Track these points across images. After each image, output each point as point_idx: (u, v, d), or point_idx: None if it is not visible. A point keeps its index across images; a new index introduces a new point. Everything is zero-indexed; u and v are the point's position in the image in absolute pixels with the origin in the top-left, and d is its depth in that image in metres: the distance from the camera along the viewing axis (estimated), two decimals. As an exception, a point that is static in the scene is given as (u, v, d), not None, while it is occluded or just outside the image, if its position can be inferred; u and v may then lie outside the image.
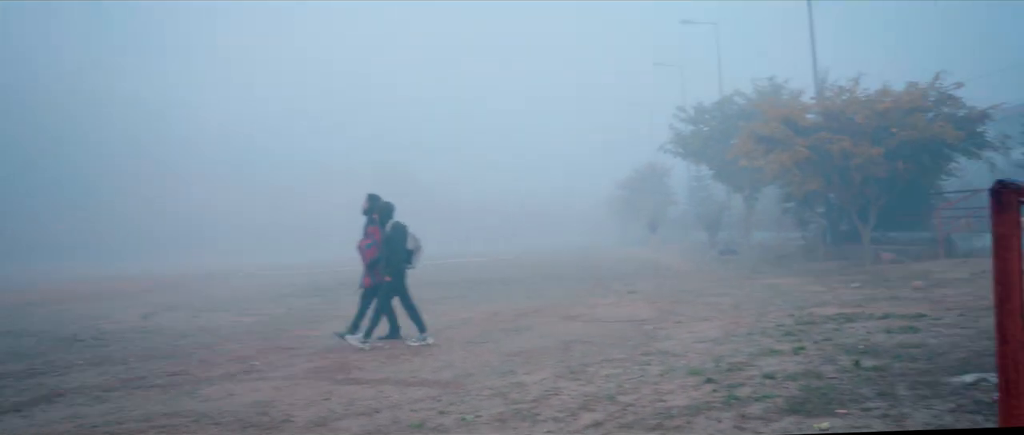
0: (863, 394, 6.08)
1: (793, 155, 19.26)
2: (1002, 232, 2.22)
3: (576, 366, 8.33)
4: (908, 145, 18.61)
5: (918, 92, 19.32)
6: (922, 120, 18.67)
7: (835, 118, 19.70)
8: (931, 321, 9.50)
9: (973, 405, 5.41)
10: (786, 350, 8.26)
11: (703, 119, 32.62)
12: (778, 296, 13.98)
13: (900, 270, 16.92)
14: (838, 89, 21.36)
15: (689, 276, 20.92)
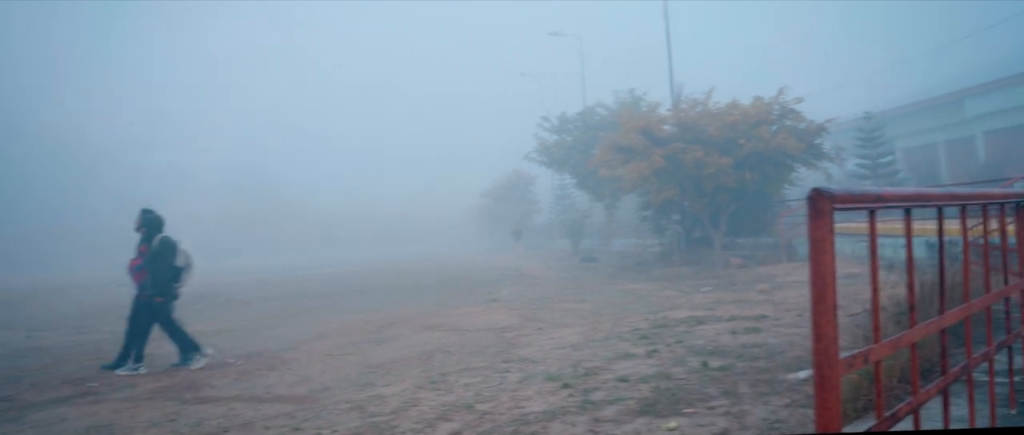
0: (709, 393, 6.34)
1: (650, 164, 20.01)
2: (817, 236, 2.32)
3: (436, 376, 8.26)
4: (755, 156, 19.75)
5: (764, 106, 20.56)
6: (767, 132, 19.86)
7: (689, 129, 20.63)
8: (772, 322, 10.09)
9: (805, 399, 5.76)
10: (640, 353, 8.52)
11: (566, 129, 33.42)
12: (635, 301, 14.45)
13: (747, 274, 17.91)
14: (692, 102, 22.39)
15: (551, 283, 21.31)
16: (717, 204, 20.97)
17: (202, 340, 10.76)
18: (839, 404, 2.36)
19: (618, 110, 29.26)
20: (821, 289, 2.35)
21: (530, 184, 56.86)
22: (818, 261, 2.35)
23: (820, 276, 2.36)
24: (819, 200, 2.33)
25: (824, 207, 2.33)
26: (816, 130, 20.47)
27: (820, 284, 2.36)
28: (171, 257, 10.18)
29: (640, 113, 25.50)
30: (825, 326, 2.34)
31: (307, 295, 21.08)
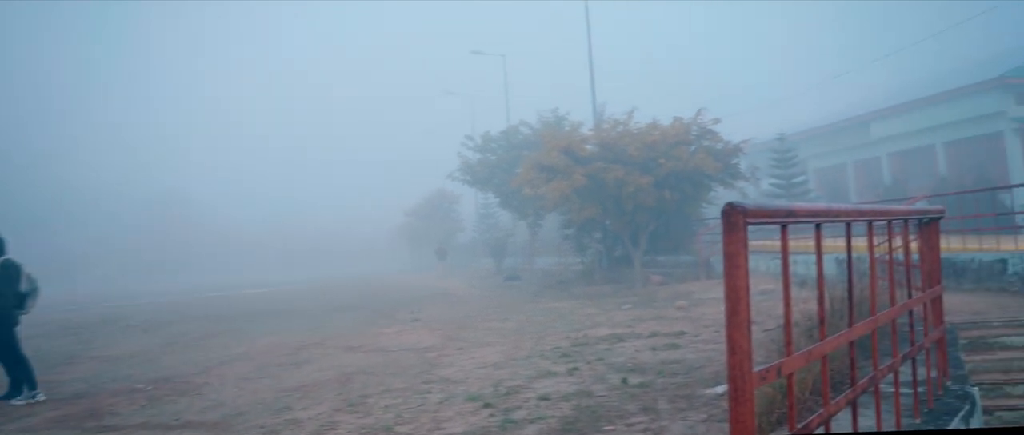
0: (629, 410, 6.35)
1: (572, 183, 20.16)
2: (731, 251, 2.31)
3: (355, 398, 8.05)
4: (674, 175, 20.15)
5: (682, 126, 21.02)
6: (686, 152, 20.30)
7: (611, 149, 20.90)
8: (691, 338, 10.23)
9: (722, 414, 5.82)
10: (561, 371, 8.50)
11: (490, 148, 33.47)
12: (557, 319, 14.47)
13: (667, 291, 18.18)
14: (614, 122, 22.72)
15: (474, 302, 21.18)
16: (637, 222, 21.28)
17: (105, 365, 10.24)
18: (753, 417, 2.35)
19: (541, 129, 29.45)
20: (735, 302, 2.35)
21: (454, 203, 56.68)
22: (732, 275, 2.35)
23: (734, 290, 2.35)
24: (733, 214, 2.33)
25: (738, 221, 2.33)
26: (733, 150, 21.05)
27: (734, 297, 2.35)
28: (14, 281, 9.41)
29: (563, 132, 25.75)
30: (739, 339, 2.33)
31: (223, 317, 20.38)
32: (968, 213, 13.95)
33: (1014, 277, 11.44)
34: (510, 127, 33.80)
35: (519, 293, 23.19)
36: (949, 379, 5.31)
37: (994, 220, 14.28)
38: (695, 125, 21.12)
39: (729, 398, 2.35)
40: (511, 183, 27.33)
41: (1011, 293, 11.12)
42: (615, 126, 22.27)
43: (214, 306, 23.75)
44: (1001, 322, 8.67)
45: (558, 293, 21.39)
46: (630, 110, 22.20)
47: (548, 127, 29.44)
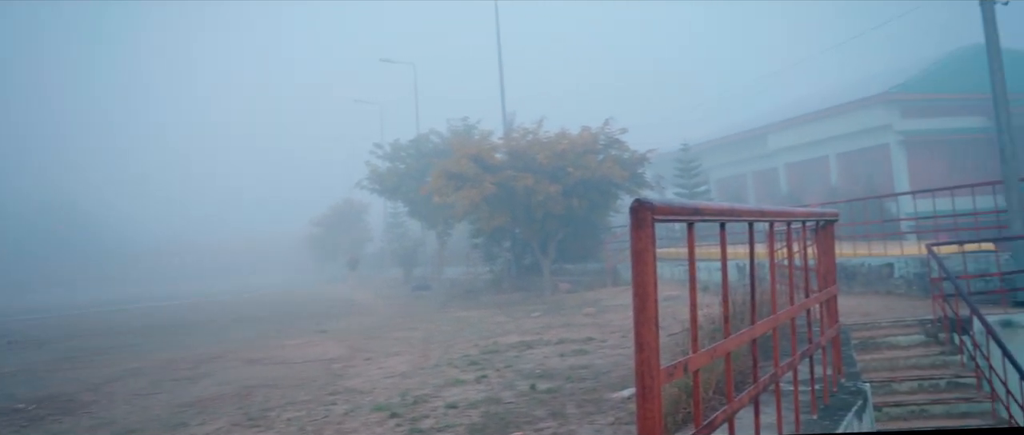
0: (537, 415, 6.32)
1: (482, 191, 20.11)
2: (639, 247, 2.28)
3: (256, 412, 7.74)
4: (582, 183, 20.37)
5: (591, 135, 21.30)
6: (594, 161, 20.56)
7: (520, 157, 20.97)
8: (598, 343, 10.32)
9: (629, 417, 5.85)
10: (470, 379, 8.41)
11: (399, 156, 33.07)
12: (466, 328, 14.36)
13: (575, 299, 18.34)
14: (523, 130, 22.82)
15: (382, 312, 20.86)
16: (546, 230, 21.41)
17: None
18: (661, 413, 2.33)
19: (451, 138, 29.33)
20: (643, 299, 2.32)
21: (363, 212, 55.76)
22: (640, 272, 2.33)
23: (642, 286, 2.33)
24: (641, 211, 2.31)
25: (646, 218, 2.31)
26: (639, 159, 21.47)
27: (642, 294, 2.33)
28: None
29: (472, 141, 25.71)
30: (647, 336, 2.31)
31: (119, 332, 19.36)
32: (858, 220, 14.64)
33: (900, 280, 12.05)
34: (420, 135, 33.51)
35: (428, 302, 22.98)
36: (844, 376, 5.50)
37: (881, 227, 15.01)
38: (603, 134, 21.45)
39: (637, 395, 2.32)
40: (420, 191, 27.06)
41: (897, 295, 11.71)
42: (525, 135, 22.38)
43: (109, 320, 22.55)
44: (889, 322, 9.09)
45: (467, 302, 21.28)
46: (539, 119, 22.38)
47: (458, 136, 29.34)
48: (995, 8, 11.51)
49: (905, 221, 16.22)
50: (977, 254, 11.04)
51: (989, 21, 11.47)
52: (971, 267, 10.46)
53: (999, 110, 11.17)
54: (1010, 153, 10.94)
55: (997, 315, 8.68)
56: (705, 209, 2.77)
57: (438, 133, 32.22)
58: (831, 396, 4.86)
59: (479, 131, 29.92)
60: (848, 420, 4.35)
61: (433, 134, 32.56)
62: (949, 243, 10.56)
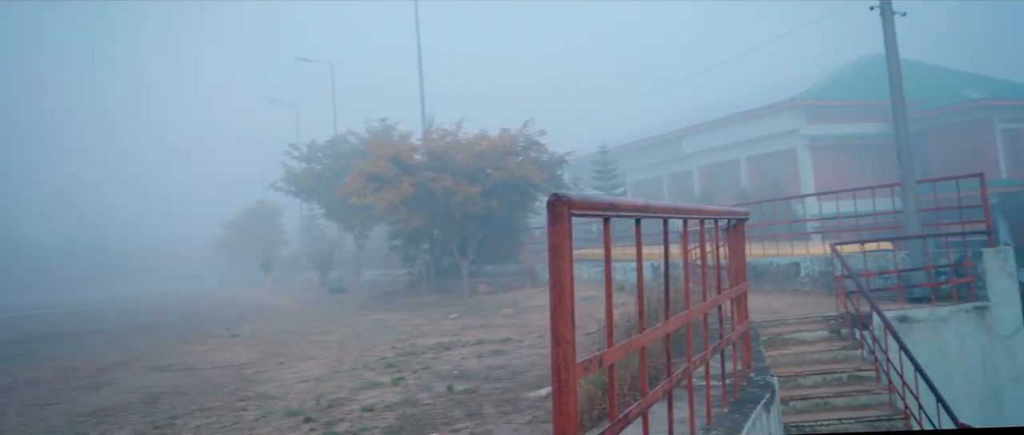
0: (454, 416, 6.26)
1: (400, 192, 19.90)
2: (556, 241, 2.25)
3: (162, 420, 7.42)
4: (501, 185, 20.40)
5: (510, 137, 21.36)
6: (513, 162, 20.61)
7: (439, 158, 20.85)
8: (516, 344, 10.33)
9: (546, 415, 5.86)
10: (386, 382, 8.28)
11: (316, 157, 32.42)
12: (383, 330, 14.17)
13: (494, 300, 18.35)
14: (442, 131, 22.72)
15: (297, 316, 20.40)
16: (465, 232, 21.36)
17: None
18: (576, 407, 2.32)
19: (370, 139, 28.92)
20: (559, 293, 2.31)
21: (277, 215, 54.45)
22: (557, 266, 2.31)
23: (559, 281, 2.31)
24: (558, 205, 2.30)
25: (563, 212, 2.30)
26: (558, 161, 21.66)
27: (559, 289, 2.31)
28: None
29: (391, 142, 25.43)
30: (563, 330, 2.29)
31: (11, 341, 18.28)
32: (767, 221, 15.13)
33: (806, 279, 12.51)
34: (337, 136, 32.96)
35: (345, 305, 22.58)
36: (753, 371, 5.65)
37: (788, 228, 15.56)
38: (522, 136, 21.55)
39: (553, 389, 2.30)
40: (338, 193, 26.58)
41: (804, 293, 12.15)
42: (444, 136, 22.28)
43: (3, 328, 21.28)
44: (795, 319, 9.42)
45: (385, 304, 21.02)
46: (459, 120, 22.34)
47: (377, 136, 28.93)
48: (894, 20, 12.06)
49: (811, 222, 16.86)
50: (877, 253, 11.56)
51: (889, 32, 12.02)
52: (871, 265, 10.94)
53: (897, 116, 11.71)
54: (906, 157, 11.49)
55: (894, 311, 9.10)
56: (621, 205, 2.78)
57: (356, 134, 31.76)
58: (741, 390, 4.98)
59: (398, 132, 29.64)
60: (756, 412, 4.45)
61: (351, 135, 32.07)
62: (851, 243, 11.02)
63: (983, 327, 9.35)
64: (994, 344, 9.35)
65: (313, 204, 36.73)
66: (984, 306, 9.46)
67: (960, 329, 9.20)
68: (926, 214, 11.39)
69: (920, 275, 10.55)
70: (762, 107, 30.77)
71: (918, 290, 10.33)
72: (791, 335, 9.03)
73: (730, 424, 4.17)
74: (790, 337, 9.00)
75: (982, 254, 9.76)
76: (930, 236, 10.76)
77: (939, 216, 11.42)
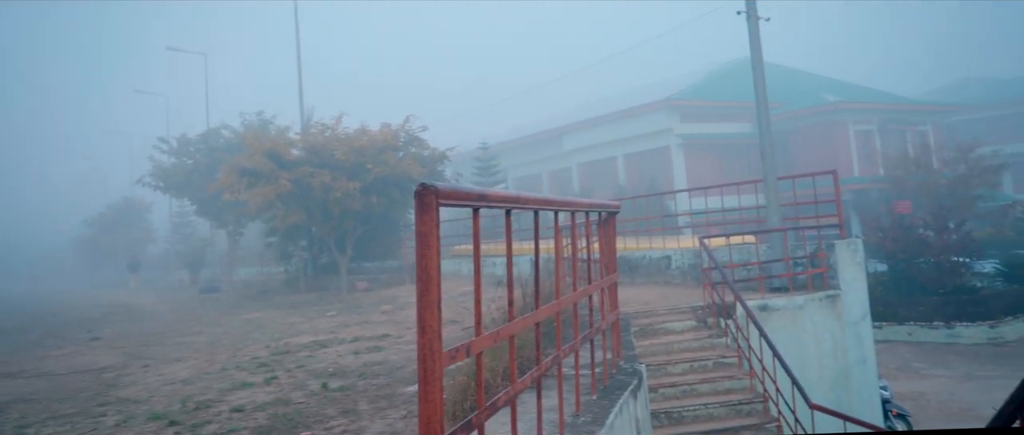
0: (328, 414, 6.13)
1: (276, 188, 19.31)
2: (423, 231, 2.25)
3: (10, 430, 6.90)
4: (382, 180, 20.14)
5: (391, 132, 21.11)
6: (394, 158, 20.39)
7: (317, 153, 20.37)
8: (394, 340, 10.24)
9: (422, 410, 5.83)
10: (258, 381, 8.02)
11: (187, 151, 30.93)
12: (257, 330, 13.72)
13: (373, 297, 18.11)
14: (322, 126, 22.21)
15: (165, 317, 19.43)
16: (344, 229, 20.98)
17: None
18: (442, 395, 2.32)
19: (245, 133, 27.85)
20: (426, 283, 2.30)
21: (145, 212, 51.65)
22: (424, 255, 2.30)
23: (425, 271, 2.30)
24: (426, 195, 2.29)
25: (430, 202, 2.29)
26: (439, 157, 21.60)
27: (425, 278, 2.30)
28: None
29: (268, 136, 24.63)
30: (429, 319, 2.28)
31: None
32: (641, 216, 15.64)
33: (676, 271, 13.02)
34: (210, 130, 31.56)
35: (217, 305, 21.70)
36: (622, 359, 5.82)
37: (661, 222, 16.14)
38: (403, 131, 21.37)
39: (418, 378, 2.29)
40: (210, 189, 25.49)
41: (674, 285, 12.64)
42: (323, 131, 21.78)
43: None
44: (665, 310, 9.78)
45: (260, 303, 20.35)
46: (338, 115, 21.90)
47: (252, 131, 27.90)
48: (759, 25, 12.71)
49: (682, 217, 17.55)
50: (741, 246, 12.18)
51: (754, 36, 12.66)
52: (736, 257, 11.50)
53: (761, 117, 12.35)
54: (769, 155, 12.14)
55: (756, 300, 9.60)
56: (490, 195, 2.79)
57: (231, 128, 30.54)
58: (611, 378, 5.12)
59: (276, 126, 28.73)
60: (624, 398, 4.59)
61: (225, 129, 30.82)
62: (718, 236, 11.54)
63: (834, 314, 10.02)
64: (844, 329, 10.03)
65: (184, 200, 35.08)
66: (836, 294, 10.13)
67: (814, 316, 9.82)
68: (786, 209, 12.08)
69: (779, 266, 11.18)
70: (638, 106, 31.78)
71: (777, 280, 10.94)
72: (661, 325, 9.37)
73: (598, 410, 4.28)
74: (660, 327, 9.34)
75: (834, 246, 10.44)
76: (789, 230, 11.42)
77: (797, 211, 12.13)
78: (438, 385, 2.34)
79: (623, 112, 32.38)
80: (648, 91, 36.46)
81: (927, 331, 20.17)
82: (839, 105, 31.40)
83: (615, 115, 32.74)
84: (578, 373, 4.21)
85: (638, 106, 31.82)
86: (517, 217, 15.77)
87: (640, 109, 31.55)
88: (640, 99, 33.74)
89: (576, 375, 4.19)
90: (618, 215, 5.75)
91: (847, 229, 12.45)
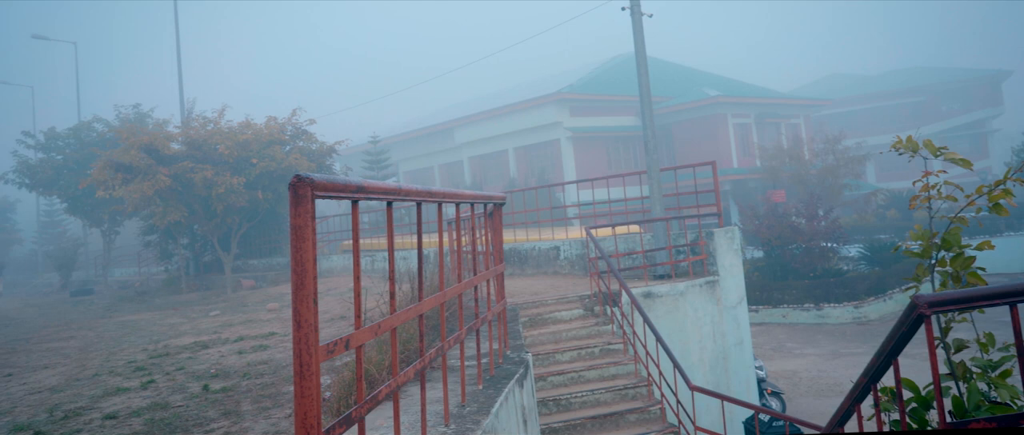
0: (209, 416, 5.93)
1: (154, 184, 18.43)
2: (298, 223, 2.20)
3: None
4: (268, 175, 19.57)
5: (277, 126, 20.53)
6: (280, 152, 19.84)
7: (199, 147, 19.59)
8: (280, 338, 9.98)
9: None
10: (134, 386, 7.65)
11: (56, 146, 29.06)
12: (133, 333, 13.07)
13: (259, 295, 17.59)
14: (203, 119, 21.37)
15: (32, 322, 18.22)
16: (228, 225, 20.29)
17: None
18: (319, 390, 2.28)
19: (120, 127, 26.41)
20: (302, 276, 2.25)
21: (9, 210, 48.29)
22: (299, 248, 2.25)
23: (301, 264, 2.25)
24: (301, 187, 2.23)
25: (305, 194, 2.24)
26: (327, 151, 21.19)
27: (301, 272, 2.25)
28: None
29: (146, 129, 23.46)
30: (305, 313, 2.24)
31: None
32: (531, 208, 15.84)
33: (565, 261, 13.26)
34: (82, 123, 29.76)
35: (90, 308, 20.53)
36: (509, 349, 5.89)
37: (550, 213, 16.39)
38: (290, 125, 20.84)
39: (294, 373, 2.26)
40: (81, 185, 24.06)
41: (563, 275, 12.87)
42: (205, 124, 20.96)
43: None
44: (554, 300, 9.95)
45: (138, 305, 19.39)
46: (221, 108, 21.12)
47: (128, 124, 26.51)
48: (642, 21, 13.07)
49: (570, 208, 17.90)
50: (626, 235, 12.53)
51: (638, 32, 13.01)
52: (621, 247, 11.83)
53: (645, 110, 12.71)
54: (652, 147, 12.52)
55: (641, 288, 9.91)
56: (370, 187, 2.75)
57: (105, 121, 28.92)
58: (497, 367, 5.17)
59: (154, 120, 27.44)
60: (509, 387, 4.65)
61: (98, 122, 29.15)
62: (605, 226, 11.83)
63: (713, 299, 10.46)
64: (722, 313, 10.49)
65: (53, 198, 32.99)
66: (715, 280, 10.58)
67: (695, 301, 10.22)
68: (669, 199, 12.51)
69: (662, 254, 11.58)
70: (529, 100, 32.13)
71: (661, 268, 11.32)
72: (550, 314, 9.53)
73: (483, 400, 4.32)
74: (549, 316, 9.50)
75: (714, 234, 10.90)
76: (672, 219, 11.83)
77: (680, 201, 12.59)
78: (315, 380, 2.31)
79: (514, 105, 32.66)
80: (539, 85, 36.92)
81: (799, 313, 21.38)
82: (719, 99, 32.74)
83: (506, 108, 32.99)
84: (464, 364, 4.23)
85: (528, 100, 32.17)
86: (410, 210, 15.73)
87: (530, 103, 31.90)
88: (531, 93, 34.10)
89: (461, 366, 4.21)
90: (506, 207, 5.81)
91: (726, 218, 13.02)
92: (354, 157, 30.91)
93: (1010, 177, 3.29)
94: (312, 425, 2.26)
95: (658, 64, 37.13)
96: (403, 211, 22.36)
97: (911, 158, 3.71)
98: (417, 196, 3.53)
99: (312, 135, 21.17)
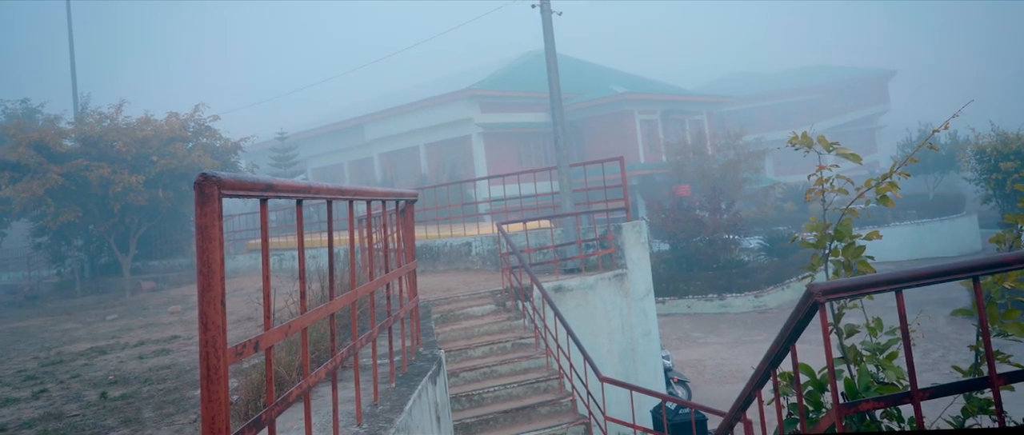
0: (107, 425, 5.69)
1: (45, 183, 17.46)
2: (204, 223, 2.15)
3: None
4: (169, 173, 18.86)
5: (179, 122, 19.79)
6: (182, 149, 19.14)
7: (94, 145, 18.68)
8: (184, 341, 9.66)
9: (215, 412, 5.57)
10: (25, 396, 7.25)
11: (-69, 143, 27.23)
12: (22, 340, 12.37)
13: (160, 297, 16.95)
14: (99, 115, 20.41)
15: (-91, 331, 17.03)
16: (127, 225, 19.44)
17: None
18: (227, 394, 2.24)
19: (6, 122, 24.92)
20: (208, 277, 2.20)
21: None
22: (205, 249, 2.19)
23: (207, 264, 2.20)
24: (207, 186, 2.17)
25: (212, 192, 2.18)
26: (232, 148, 20.58)
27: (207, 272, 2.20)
28: None
29: (35, 126, 22.20)
30: (212, 314, 2.19)
31: None
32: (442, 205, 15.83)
33: (477, 257, 13.31)
34: (-39, 119, 27.97)
35: (-26, 315, 19.32)
36: (422, 346, 5.88)
37: (462, 210, 16.41)
38: (193, 121, 20.13)
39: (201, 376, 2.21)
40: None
41: (475, 271, 12.92)
42: (101, 120, 20.02)
43: None
44: (466, 296, 9.98)
45: (27, 311, 18.35)
46: (119, 103, 20.22)
47: (16, 120, 25.04)
48: (552, 18, 13.23)
49: (482, 204, 17.96)
50: (537, 231, 12.67)
51: (548, 29, 13.16)
52: (532, 242, 11.96)
53: (554, 107, 12.87)
54: (562, 143, 12.70)
55: (552, 282, 10.05)
56: (278, 185, 2.71)
57: (-11, 117, 27.30)
58: (410, 365, 5.17)
59: (44, 116, 26.03)
60: (422, 384, 4.65)
61: (-21, 118, 27.48)
62: (516, 222, 11.94)
63: (622, 291, 10.71)
64: (631, 305, 10.76)
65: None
66: (623, 273, 10.83)
67: (604, 294, 10.44)
68: (578, 194, 12.72)
69: (572, 249, 11.77)
70: (440, 96, 32.00)
71: (571, 262, 11.51)
72: (462, 310, 9.56)
73: (396, 398, 4.31)
74: (461, 312, 9.52)
75: (622, 228, 11.14)
76: (581, 213, 12.04)
77: (589, 196, 12.82)
78: (223, 383, 2.26)
79: (425, 101, 32.47)
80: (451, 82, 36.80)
81: (703, 303, 22.12)
82: (626, 96, 33.43)
83: (417, 104, 32.76)
84: (376, 363, 4.21)
85: (440, 96, 32.05)
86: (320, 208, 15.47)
87: (441, 99, 31.79)
88: (443, 89, 33.98)
89: (374, 364, 4.19)
90: (418, 203, 5.80)
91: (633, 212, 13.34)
92: (261, 154, 30.08)
93: (895, 171, 3.53)
94: (220, 430, 2.22)
95: (568, 61, 37.59)
96: (312, 209, 21.95)
97: (806, 153, 3.92)
98: (328, 194, 3.49)
99: (216, 132, 20.52)
